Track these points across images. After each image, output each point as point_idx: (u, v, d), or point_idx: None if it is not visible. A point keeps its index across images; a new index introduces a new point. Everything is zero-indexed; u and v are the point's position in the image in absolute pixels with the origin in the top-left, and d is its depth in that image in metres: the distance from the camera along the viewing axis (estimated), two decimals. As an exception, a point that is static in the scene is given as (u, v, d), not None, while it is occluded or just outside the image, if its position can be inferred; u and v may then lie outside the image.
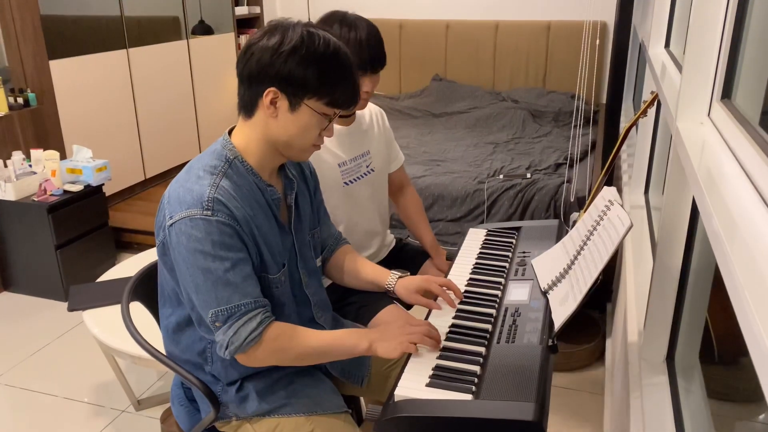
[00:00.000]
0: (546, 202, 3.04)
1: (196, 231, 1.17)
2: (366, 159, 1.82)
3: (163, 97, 4.29)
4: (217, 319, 1.20)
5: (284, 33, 1.19)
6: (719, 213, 0.79)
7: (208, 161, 1.25)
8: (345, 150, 1.77)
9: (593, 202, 1.46)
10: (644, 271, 1.84)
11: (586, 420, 2.27)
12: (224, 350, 1.21)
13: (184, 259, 1.19)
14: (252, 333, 1.20)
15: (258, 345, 1.21)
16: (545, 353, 1.16)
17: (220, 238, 1.17)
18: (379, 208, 1.90)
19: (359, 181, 1.80)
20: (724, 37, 1.14)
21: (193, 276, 1.19)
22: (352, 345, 1.26)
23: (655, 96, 1.95)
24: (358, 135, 1.81)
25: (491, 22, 4.87)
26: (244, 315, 1.20)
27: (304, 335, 1.25)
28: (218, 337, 1.21)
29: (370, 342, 1.25)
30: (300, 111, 1.22)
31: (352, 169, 1.78)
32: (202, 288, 1.19)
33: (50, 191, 3.10)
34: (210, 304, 1.19)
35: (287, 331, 1.25)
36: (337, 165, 1.75)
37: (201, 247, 1.17)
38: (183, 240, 1.17)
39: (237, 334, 1.19)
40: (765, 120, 0.94)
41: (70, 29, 3.54)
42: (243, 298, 1.20)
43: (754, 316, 0.58)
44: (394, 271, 1.47)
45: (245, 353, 1.22)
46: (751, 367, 0.59)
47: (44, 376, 2.60)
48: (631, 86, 3.72)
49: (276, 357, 1.25)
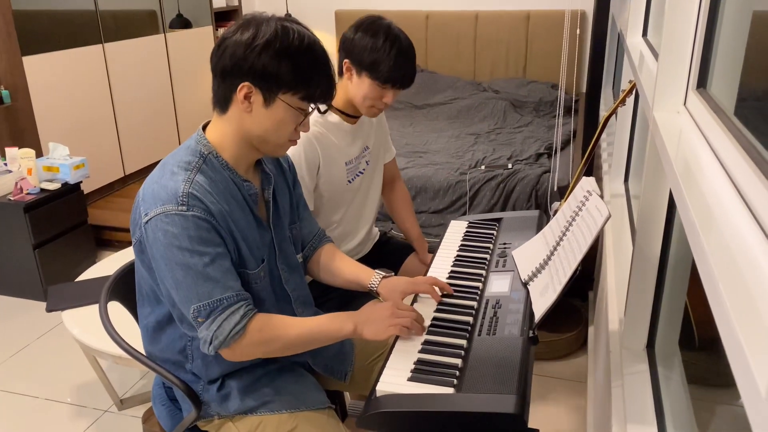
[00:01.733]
0: (528, 192, 3.05)
1: (172, 227, 1.15)
2: (366, 155, 1.83)
3: (141, 93, 4.23)
4: (199, 315, 1.18)
5: (258, 27, 1.18)
6: (695, 203, 0.79)
7: (182, 157, 1.23)
8: (352, 148, 1.77)
9: (572, 193, 1.47)
10: (624, 259, 1.86)
11: (570, 408, 2.29)
12: (208, 346, 1.19)
13: (162, 256, 1.17)
14: (236, 326, 1.19)
15: (242, 338, 1.20)
16: (526, 345, 1.17)
17: (197, 233, 1.16)
18: (374, 202, 1.91)
19: (358, 178, 1.81)
20: (699, 26, 1.15)
21: (173, 272, 1.17)
22: (337, 328, 1.25)
23: (633, 85, 1.96)
24: (362, 131, 1.81)
25: (471, 13, 4.87)
26: (227, 309, 1.19)
27: (288, 325, 1.25)
28: (201, 332, 1.20)
29: (356, 324, 1.25)
30: (274, 106, 1.21)
31: (354, 166, 1.79)
32: (182, 284, 1.17)
33: (27, 190, 3.05)
34: (191, 299, 1.18)
35: (271, 322, 1.24)
36: (344, 164, 1.75)
37: (178, 243, 1.15)
38: (160, 236, 1.16)
39: (221, 328, 1.18)
40: (740, 109, 0.95)
41: (43, 24, 3.47)
42: (224, 291, 1.19)
43: (728, 306, 0.58)
44: (378, 271, 1.46)
45: (230, 347, 1.21)
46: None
47: (25, 377, 2.56)
48: (611, 75, 3.74)
49: (261, 349, 1.24)
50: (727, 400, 1.11)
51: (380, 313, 1.26)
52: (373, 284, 1.44)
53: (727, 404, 1.12)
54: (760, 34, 0.91)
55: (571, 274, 1.21)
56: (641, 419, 1.20)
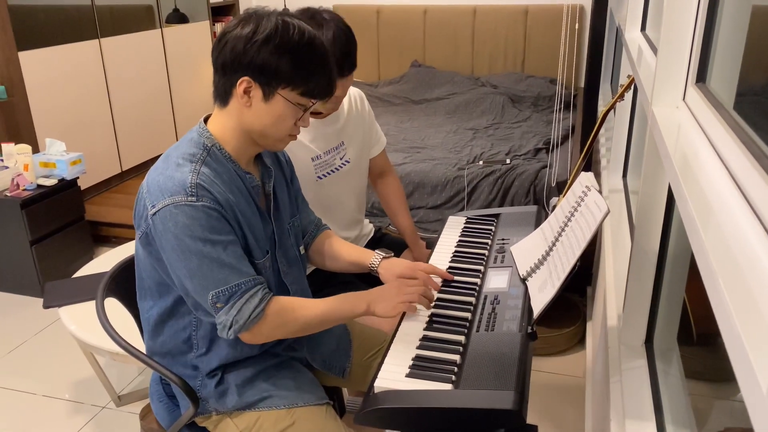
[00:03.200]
0: (526, 188, 3.04)
1: (183, 217, 1.15)
2: (340, 151, 1.77)
3: (138, 88, 4.21)
4: (218, 300, 1.19)
5: (258, 22, 1.18)
6: (694, 198, 0.79)
7: (186, 149, 1.23)
8: (319, 144, 1.72)
9: (571, 188, 1.46)
10: (623, 255, 1.85)
11: (568, 404, 2.29)
12: (228, 330, 1.21)
13: (173, 247, 1.17)
14: (255, 310, 1.20)
15: (262, 321, 1.22)
16: (524, 341, 1.16)
17: (207, 222, 1.17)
18: (357, 198, 1.87)
19: (333, 175, 1.76)
20: (698, 20, 1.14)
21: (186, 261, 1.17)
22: (351, 308, 1.28)
23: (632, 80, 1.96)
24: (333, 127, 1.76)
25: (469, 7, 4.85)
26: (246, 293, 1.20)
27: (305, 306, 1.27)
28: (220, 318, 1.21)
29: (368, 303, 1.28)
30: (274, 100, 1.20)
31: (326, 162, 1.74)
32: (197, 272, 1.18)
33: (23, 186, 3.04)
34: (208, 287, 1.18)
35: (288, 304, 1.26)
36: (310, 159, 1.71)
37: (190, 233, 1.16)
38: (170, 227, 1.16)
39: (240, 312, 1.20)
40: (739, 104, 0.94)
41: (39, 19, 3.45)
42: (241, 277, 1.20)
43: (727, 301, 0.58)
44: (379, 251, 1.46)
45: (249, 331, 1.22)
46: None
47: (23, 373, 2.56)
48: (609, 70, 3.73)
49: (280, 331, 1.26)
50: (726, 394, 1.11)
51: (388, 291, 1.29)
52: (374, 264, 1.46)
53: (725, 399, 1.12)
54: (760, 29, 0.91)
55: (569, 270, 1.21)
56: (640, 414, 1.20)
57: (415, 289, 1.29)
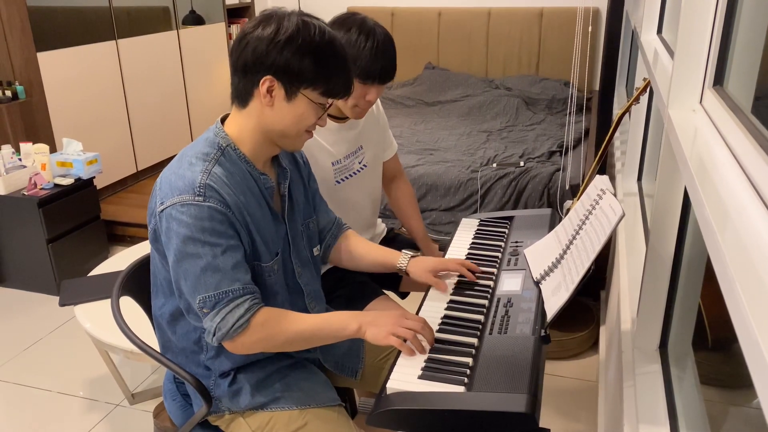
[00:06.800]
0: (539, 191, 3.03)
1: (187, 216, 1.16)
2: (359, 155, 1.77)
3: (154, 88, 4.25)
4: (204, 306, 1.19)
5: (279, 22, 1.19)
6: (710, 202, 0.78)
7: (201, 148, 1.24)
8: (339, 148, 1.72)
9: (585, 191, 1.46)
10: (637, 259, 1.84)
11: (581, 408, 2.28)
12: (212, 337, 1.20)
13: (174, 245, 1.18)
14: (239, 320, 1.19)
15: (245, 332, 1.20)
16: (537, 344, 1.16)
17: (210, 224, 1.17)
18: (372, 201, 1.87)
19: (350, 179, 1.76)
20: (716, 23, 1.13)
21: (182, 262, 1.18)
22: (340, 327, 1.24)
23: (648, 83, 1.94)
24: (353, 131, 1.76)
25: (483, 9, 4.84)
26: (232, 301, 1.19)
27: (291, 319, 1.24)
28: (206, 323, 1.20)
29: (360, 324, 1.23)
30: (296, 100, 1.21)
31: (345, 166, 1.74)
32: (191, 274, 1.18)
33: (40, 185, 3.07)
34: (198, 290, 1.18)
35: (274, 316, 1.23)
36: (330, 164, 1.71)
37: (190, 233, 1.16)
38: (173, 225, 1.17)
39: (224, 320, 1.18)
40: (757, 107, 0.94)
41: (57, 20, 3.50)
42: (231, 284, 1.19)
43: (744, 306, 0.57)
44: (406, 251, 1.46)
45: (232, 340, 1.20)
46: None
47: (38, 370, 2.59)
48: (624, 73, 3.70)
49: (263, 344, 1.23)
50: (741, 401, 1.10)
51: (386, 318, 1.24)
52: (402, 264, 1.44)
53: (741, 406, 1.11)
54: (779, 31, 0.90)
55: (583, 274, 1.20)
56: (653, 420, 1.19)
57: (412, 324, 1.22)
